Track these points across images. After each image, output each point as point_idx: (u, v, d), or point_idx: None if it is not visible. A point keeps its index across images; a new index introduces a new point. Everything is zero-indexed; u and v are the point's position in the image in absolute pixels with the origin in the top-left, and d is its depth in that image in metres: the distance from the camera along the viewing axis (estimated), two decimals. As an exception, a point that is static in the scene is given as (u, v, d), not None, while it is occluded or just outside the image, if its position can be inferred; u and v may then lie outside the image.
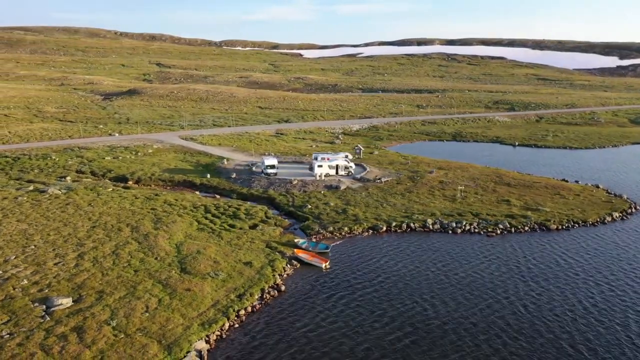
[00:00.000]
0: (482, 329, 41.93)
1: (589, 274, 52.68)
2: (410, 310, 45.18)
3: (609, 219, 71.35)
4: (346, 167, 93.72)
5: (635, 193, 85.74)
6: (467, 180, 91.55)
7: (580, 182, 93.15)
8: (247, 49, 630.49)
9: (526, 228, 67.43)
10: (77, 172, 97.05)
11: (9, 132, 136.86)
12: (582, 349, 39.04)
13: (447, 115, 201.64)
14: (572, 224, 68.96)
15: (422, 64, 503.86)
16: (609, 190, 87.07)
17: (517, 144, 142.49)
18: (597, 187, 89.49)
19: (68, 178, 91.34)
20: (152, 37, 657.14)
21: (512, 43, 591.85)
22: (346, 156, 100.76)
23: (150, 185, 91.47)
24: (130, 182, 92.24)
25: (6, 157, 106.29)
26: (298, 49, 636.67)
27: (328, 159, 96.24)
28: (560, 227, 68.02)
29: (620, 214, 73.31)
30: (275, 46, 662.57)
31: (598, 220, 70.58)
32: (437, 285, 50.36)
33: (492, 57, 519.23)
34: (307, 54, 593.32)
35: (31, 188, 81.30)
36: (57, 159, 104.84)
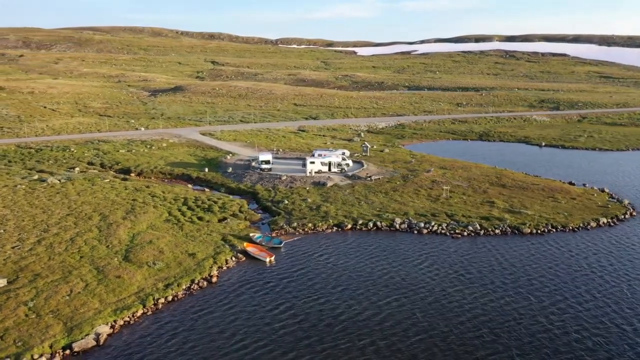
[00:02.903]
0: (387, 326, 41.01)
1: (520, 283, 49.84)
2: (333, 308, 44.78)
3: (593, 224, 67.01)
4: (339, 164, 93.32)
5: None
6: (462, 180, 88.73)
7: (587, 185, 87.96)
8: (302, 46, 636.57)
9: (497, 231, 64.68)
10: (88, 163, 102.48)
11: (46, 125, 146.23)
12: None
13: (482, 114, 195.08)
14: (549, 228, 65.42)
15: (477, 61, 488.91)
16: (613, 195, 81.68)
17: (543, 144, 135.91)
18: (602, 190, 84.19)
19: (77, 169, 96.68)
20: (211, 36, 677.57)
21: (577, 39, 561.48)
22: (343, 153, 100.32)
23: (151, 178, 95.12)
24: (132, 174, 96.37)
25: (31, 148, 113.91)
26: (352, 46, 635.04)
27: (325, 154, 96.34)
28: (534, 231, 64.69)
29: (610, 220, 68.63)
30: (330, 44, 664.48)
31: (580, 225, 66.48)
32: (362, 284, 49.53)
33: (554, 54, 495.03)
34: (361, 51, 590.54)
35: (35, 177, 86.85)
36: (75, 151, 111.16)
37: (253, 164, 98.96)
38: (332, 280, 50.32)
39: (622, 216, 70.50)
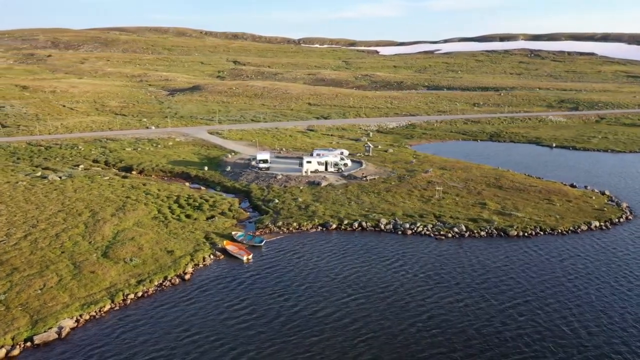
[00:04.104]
0: (338, 325, 40.93)
1: (487, 285, 49.02)
2: (293, 306, 44.93)
3: (584, 227, 65.43)
4: (336, 164, 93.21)
5: (643, 202, 77.75)
6: (459, 181, 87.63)
7: (589, 188, 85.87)
8: (324, 46, 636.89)
9: (482, 233, 63.73)
10: (93, 161, 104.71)
11: (61, 124, 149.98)
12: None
13: (497, 114, 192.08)
14: (537, 231, 64.12)
15: (501, 60, 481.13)
16: (612, 198, 79.53)
17: (554, 145, 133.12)
18: (603, 193, 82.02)
19: (81, 166, 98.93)
20: (235, 36, 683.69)
21: (605, 37, 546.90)
22: (341, 153, 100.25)
23: (151, 176, 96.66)
24: (134, 172, 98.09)
25: (41, 146, 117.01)
26: (375, 46, 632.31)
27: (323, 154, 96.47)
28: (522, 234, 63.51)
29: (602, 224, 66.86)
30: (353, 43, 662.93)
31: (570, 229, 64.96)
32: (328, 283, 49.46)
33: (581, 53, 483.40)
34: (384, 50, 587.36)
35: (38, 174, 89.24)
36: (83, 149, 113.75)
37: (252, 163, 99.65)
38: (300, 279, 50.46)
39: (617, 220, 68.60)
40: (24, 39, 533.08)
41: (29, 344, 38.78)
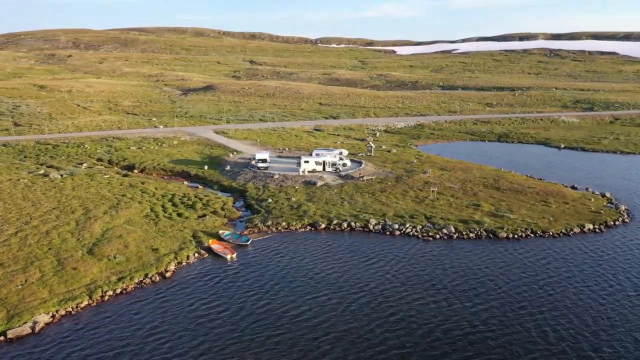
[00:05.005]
0: (305, 323, 40.92)
1: (461, 287, 48.49)
2: (265, 304, 45.04)
3: (576, 230, 64.22)
4: (334, 164, 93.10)
5: (644, 204, 76.03)
6: (457, 182, 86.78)
7: (590, 189, 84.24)
8: (341, 46, 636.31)
9: (471, 235, 63.00)
10: (97, 160, 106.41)
11: (72, 123, 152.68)
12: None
13: (508, 114, 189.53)
14: (527, 233, 63.15)
15: (519, 60, 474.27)
16: (612, 200, 77.93)
17: (562, 146, 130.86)
18: (603, 195, 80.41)
19: (84, 165, 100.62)
20: (252, 36, 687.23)
21: (628, 37, 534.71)
22: (340, 153, 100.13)
23: (152, 174, 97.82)
24: (135, 171, 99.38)
25: (48, 144, 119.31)
26: (392, 45, 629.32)
27: (322, 154, 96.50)
28: (511, 236, 62.62)
29: (596, 227, 65.51)
30: (370, 43, 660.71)
31: (562, 231, 63.81)
32: (305, 282, 49.47)
33: (602, 53, 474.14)
34: (401, 50, 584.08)
35: (41, 172, 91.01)
36: (89, 148, 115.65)
37: (252, 162, 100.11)
38: (278, 278, 50.62)
39: (612, 223, 67.13)
40: (46, 39, 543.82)
41: (2, 337, 39.61)
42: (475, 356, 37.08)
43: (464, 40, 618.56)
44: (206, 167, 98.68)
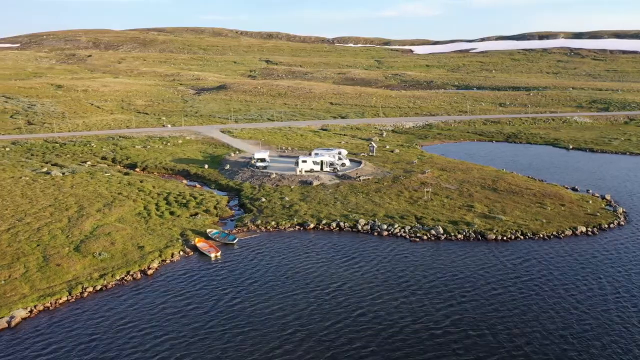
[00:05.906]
0: (272, 322, 41.04)
1: (434, 287, 48.14)
2: (239, 302, 45.32)
3: (568, 233, 63.07)
4: (331, 164, 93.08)
5: (643, 207, 74.34)
6: (454, 182, 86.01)
7: (590, 191, 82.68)
8: (358, 45, 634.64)
9: (460, 236, 62.37)
10: (101, 158, 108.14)
11: (83, 121, 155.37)
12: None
13: (520, 114, 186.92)
14: (517, 235, 62.27)
15: (538, 59, 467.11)
16: (611, 202, 76.38)
17: (571, 147, 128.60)
18: (603, 197, 78.88)
19: (88, 163, 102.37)
20: (269, 35, 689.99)
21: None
22: (339, 152, 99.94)
23: (153, 173, 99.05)
24: (137, 169, 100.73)
25: (56, 143, 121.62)
26: (410, 44, 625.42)
27: (321, 154, 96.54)
28: (500, 238, 61.83)
29: (590, 229, 64.27)
30: (387, 42, 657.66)
31: (553, 234, 62.78)
32: (281, 281, 49.58)
33: (624, 52, 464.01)
34: (418, 49, 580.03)
35: (44, 170, 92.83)
36: (95, 146, 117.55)
37: (252, 161, 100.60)
38: (257, 276, 50.90)
39: (607, 226, 65.77)
40: (67, 39, 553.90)
41: (-22, 331, 40.63)
42: (436, 357, 36.72)
43: (482, 39, 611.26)
44: (206, 166, 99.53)
